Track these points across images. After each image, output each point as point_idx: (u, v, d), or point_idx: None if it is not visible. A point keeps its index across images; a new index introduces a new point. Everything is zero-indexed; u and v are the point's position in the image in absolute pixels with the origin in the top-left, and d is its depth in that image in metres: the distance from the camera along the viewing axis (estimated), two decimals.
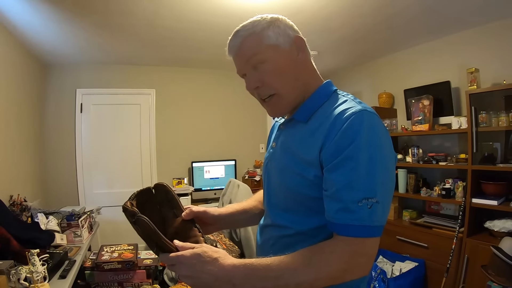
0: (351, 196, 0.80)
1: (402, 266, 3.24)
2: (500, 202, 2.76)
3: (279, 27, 0.99)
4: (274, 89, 0.99)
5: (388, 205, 0.86)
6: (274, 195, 1.05)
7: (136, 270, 2.76)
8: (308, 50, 1.05)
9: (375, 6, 2.83)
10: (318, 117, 0.95)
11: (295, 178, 0.94)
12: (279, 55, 0.97)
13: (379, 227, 0.82)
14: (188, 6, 2.75)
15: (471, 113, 2.93)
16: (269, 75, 0.97)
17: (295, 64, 0.99)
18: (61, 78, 4.21)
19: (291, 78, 0.99)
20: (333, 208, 0.83)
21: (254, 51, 0.97)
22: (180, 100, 4.81)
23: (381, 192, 0.82)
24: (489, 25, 3.17)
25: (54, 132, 4.17)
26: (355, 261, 0.81)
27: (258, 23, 0.99)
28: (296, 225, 0.96)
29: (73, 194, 4.21)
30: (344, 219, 0.81)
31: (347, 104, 0.91)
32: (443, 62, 3.63)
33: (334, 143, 0.84)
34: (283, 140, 1.05)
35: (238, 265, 0.83)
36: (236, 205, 1.27)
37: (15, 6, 2.55)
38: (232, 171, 4.87)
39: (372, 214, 0.80)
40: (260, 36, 0.97)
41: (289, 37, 0.99)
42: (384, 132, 0.87)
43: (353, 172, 0.81)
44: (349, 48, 4.08)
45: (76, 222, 2.62)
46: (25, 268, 1.70)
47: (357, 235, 0.80)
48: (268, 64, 0.97)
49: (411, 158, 3.57)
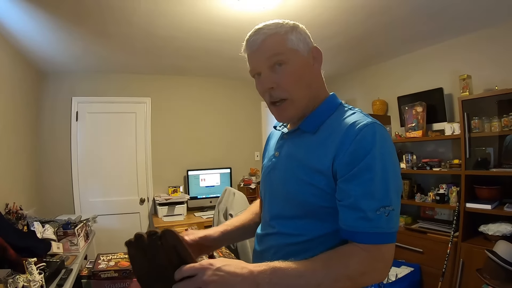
0: (369, 205, 0.84)
1: (398, 271, 3.25)
2: (494, 206, 2.79)
3: (301, 33, 1.02)
4: (288, 92, 0.99)
5: (399, 211, 0.90)
6: (279, 203, 1.05)
7: (133, 279, 2.74)
8: (321, 62, 1.07)
9: (369, 14, 2.88)
10: (326, 128, 0.98)
11: (303, 187, 0.95)
12: (298, 60, 0.99)
13: (395, 233, 0.86)
14: (183, 15, 2.78)
15: (463, 119, 2.97)
16: (286, 78, 0.98)
17: (310, 72, 1.02)
18: (56, 86, 4.20)
19: (305, 84, 1.00)
20: (351, 217, 0.86)
21: (277, 51, 0.98)
22: (176, 108, 4.82)
23: (395, 200, 0.86)
24: (480, 32, 3.23)
25: (50, 140, 4.16)
26: (373, 266, 0.84)
27: (282, 25, 1.00)
28: (302, 232, 0.97)
29: (69, 203, 4.18)
30: (363, 227, 0.84)
31: (356, 116, 0.95)
32: (435, 69, 3.68)
33: (349, 154, 0.87)
34: (288, 149, 1.06)
35: (261, 265, 0.85)
36: (234, 221, 1.27)
37: (11, 14, 2.56)
38: (227, 179, 4.87)
39: (389, 222, 0.84)
40: (284, 37, 0.98)
41: (308, 45, 1.03)
42: (392, 143, 0.92)
43: (371, 182, 0.84)
44: (343, 56, 4.13)
45: (72, 230, 2.61)
46: (23, 277, 1.69)
47: (375, 242, 0.84)
48: (287, 66, 0.98)
49: (405, 165, 3.61)
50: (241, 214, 1.31)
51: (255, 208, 1.32)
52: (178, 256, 0.84)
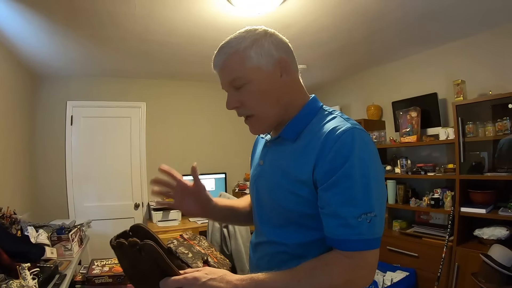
0: (350, 213, 0.83)
1: (393, 276, 3.26)
2: (488, 210, 2.81)
3: (263, 46, 0.97)
4: (252, 111, 0.99)
5: (383, 216, 0.89)
6: (266, 212, 1.06)
7: (127, 284, 2.73)
8: (294, 68, 1.04)
9: (364, 20, 2.90)
10: (306, 134, 0.97)
11: (287, 196, 0.94)
12: (260, 77, 0.96)
13: (378, 239, 0.86)
14: (178, 20, 2.79)
15: (458, 124, 2.99)
16: (248, 97, 0.97)
17: (277, 86, 0.98)
18: (51, 90, 4.19)
19: (271, 100, 0.98)
20: (332, 224, 0.86)
21: (236, 74, 0.96)
22: (171, 113, 4.81)
23: (378, 206, 0.85)
24: (474, 37, 3.26)
25: (44, 144, 4.13)
26: (356, 273, 0.84)
27: (243, 40, 0.97)
28: (290, 241, 0.97)
29: (63, 207, 4.15)
30: (345, 235, 0.83)
31: (336, 122, 0.93)
32: (430, 74, 3.71)
33: (328, 162, 0.86)
34: (272, 158, 1.06)
35: (244, 278, 0.85)
36: (227, 200, 1.29)
37: (7, 17, 2.56)
38: (222, 184, 4.86)
39: (371, 228, 0.83)
40: (242, 56, 0.95)
41: (272, 57, 0.97)
42: (373, 148, 0.90)
43: (350, 190, 0.83)
44: (337, 61, 4.15)
45: (66, 235, 2.59)
46: (16, 282, 1.67)
47: (358, 248, 0.83)
48: (250, 86, 0.96)
49: (400, 169, 3.62)
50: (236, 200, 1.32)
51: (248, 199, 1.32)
52: (159, 268, 0.84)
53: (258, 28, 1.00)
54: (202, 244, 2.90)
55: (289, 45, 1.04)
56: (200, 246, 2.83)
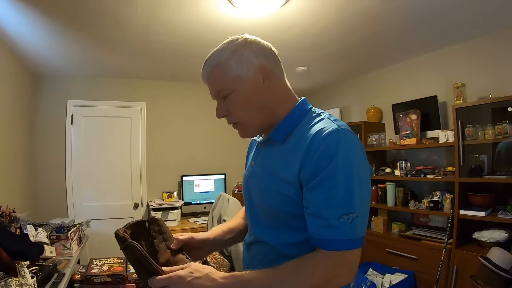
0: (332, 213, 0.84)
1: (392, 278, 3.26)
2: (487, 213, 2.81)
3: (243, 55, 0.99)
4: (238, 118, 1.03)
5: (366, 217, 0.91)
6: (256, 212, 1.08)
7: (126, 284, 2.72)
8: (278, 73, 1.05)
9: (364, 23, 2.91)
10: (294, 136, 0.99)
11: (276, 196, 0.97)
12: (242, 86, 0.99)
13: (360, 239, 0.87)
14: (180, 21, 2.80)
15: (457, 127, 3.00)
16: (233, 106, 1.01)
17: (260, 93, 1.00)
18: (52, 89, 4.20)
19: (255, 107, 1.01)
20: (315, 224, 0.87)
21: (220, 86, 1.01)
22: (171, 114, 4.82)
23: (360, 207, 0.86)
24: (474, 40, 3.27)
25: (44, 143, 4.14)
26: (338, 271, 0.87)
27: (224, 52, 1.00)
28: (279, 241, 1.00)
29: (63, 206, 4.15)
30: (327, 235, 0.85)
31: (323, 123, 0.94)
32: (430, 77, 3.72)
33: (313, 163, 0.88)
34: (262, 159, 1.08)
35: (228, 277, 0.87)
36: (221, 226, 1.29)
37: (8, 16, 2.56)
38: (222, 185, 4.87)
39: (353, 228, 0.84)
40: (224, 67, 0.99)
41: (252, 65, 0.99)
42: (359, 149, 0.91)
43: (333, 191, 0.85)
44: (338, 64, 4.16)
45: (65, 234, 2.59)
46: (15, 280, 1.68)
47: (339, 248, 0.85)
48: (233, 95, 1.00)
49: (400, 172, 3.62)
50: (229, 220, 1.33)
51: (242, 213, 1.33)
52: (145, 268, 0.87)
53: (239, 37, 1.03)
54: None
55: (272, 50, 1.06)
56: None
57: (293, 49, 3.50)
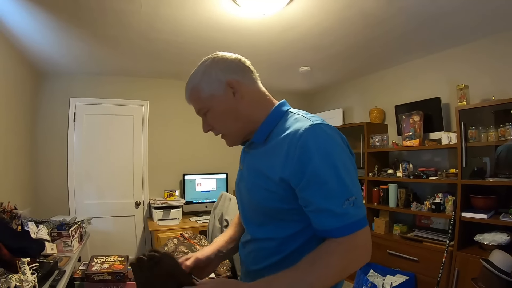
0: (334, 204, 0.88)
1: (393, 279, 3.25)
2: (489, 215, 2.80)
3: (210, 75, 1.07)
4: (220, 131, 1.13)
5: (361, 195, 0.96)
6: (248, 212, 1.14)
7: (127, 282, 2.72)
8: (248, 83, 1.10)
9: (367, 24, 2.90)
10: (273, 137, 1.04)
11: (263, 194, 1.01)
12: (216, 103, 1.07)
13: (364, 217, 0.91)
14: (183, 20, 2.79)
15: (460, 129, 2.99)
16: (213, 121, 1.10)
17: (233, 106, 1.07)
18: (55, 87, 4.20)
19: (232, 119, 1.09)
20: (320, 218, 0.91)
21: (198, 106, 1.11)
22: (173, 113, 4.81)
23: (354, 188, 0.91)
24: (478, 42, 3.26)
25: (47, 140, 4.14)
26: (354, 255, 0.90)
27: (196, 74, 1.10)
28: (272, 236, 1.04)
29: (64, 204, 4.16)
30: (336, 223, 0.88)
31: (299, 122, 0.99)
32: (433, 79, 3.71)
33: (296, 161, 0.92)
34: (248, 161, 1.15)
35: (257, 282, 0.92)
36: (223, 236, 1.34)
37: (12, 13, 2.57)
38: (223, 184, 4.86)
39: (356, 209, 0.89)
40: (197, 89, 1.08)
41: (220, 82, 1.06)
42: (336, 138, 0.96)
43: (326, 185, 0.89)
44: (341, 64, 4.15)
45: (66, 231, 2.59)
46: (15, 276, 1.67)
47: (350, 232, 0.88)
48: (210, 112, 1.09)
49: (402, 173, 3.61)
50: (228, 229, 1.38)
51: (238, 219, 1.38)
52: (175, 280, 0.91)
53: (209, 57, 1.12)
54: (203, 243, 2.90)
55: (240, 63, 1.11)
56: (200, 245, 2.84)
57: (297, 49, 3.50)
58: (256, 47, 3.43)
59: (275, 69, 4.30)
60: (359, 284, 3.30)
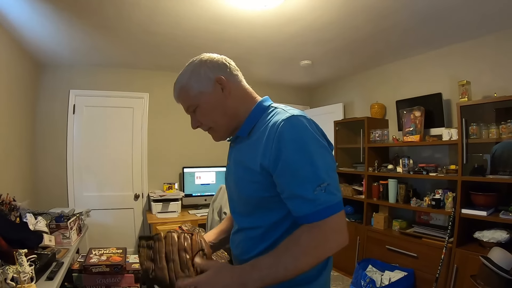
0: (305, 190, 0.93)
1: (392, 275, 3.25)
2: (489, 213, 2.79)
3: (199, 73, 1.14)
4: (208, 125, 1.19)
5: (337, 182, 0.99)
6: (236, 203, 1.21)
7: (124, 274, 2.73)
8: (234, 80, 1.17)
9: (370, 19, 2.88)
10: (256, 130, 1.11)
11: (247, 185, 1.08)
12: (204, 99, 1.13)
13: (338, 203, 0.95)
14: (183, 13, 2.77)
15: (461, 125, 2.97)
16: (202, 117, 1.17)
17: (221, 101, 1.14)
18: (54, 78, 4.17)
19: (219, 114, 1.15)
20: (294, 204, 0.97)
21: (187, 104, 1.17)
22: (173, 105, 4.71)
23: (327, 175, 0.95)
24: (481, 39, 3.24)
25: (46, 132, 4.13)
26: (324, 238, 0.94)
27: (185, 74, 1.16)
28: (257, 224, 1.11)
29: (63, 196, 4.16)
30: (308, 209, 0.94)
31: (278, 115, 1.05)
32: (435, 74, 3.69)
33: (274, 151, 0.98)
34: (234, 155, 1.21)
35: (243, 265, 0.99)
36: (213, 230, 1.43)
37: (12, 4, 2.54)
38: (223, 177, 4.76)
39: (328, 195, 0.93)
40: (186, 88, 1.14)
41: (209, 79, 1.13)
42: (312, 128, 1.00)
43: (299, 171, 0.94)
44: (342, 59, 4.12)
45: (65, 223, 2.59)
46: (13, 268, 1.67)
47: (322, 217, 0.93)
48: (199, 109, 1.15)
49: (402, 169, 3.61)
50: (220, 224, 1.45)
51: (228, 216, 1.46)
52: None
53: (196, 58, 1.18)
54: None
55: (225, 62, 1.18)
56: None
57: (298, 42, 3.47)
58: (257, 40, 3.40)
59: (275, 63, 4.28)
60: (358, 279, 3.31)
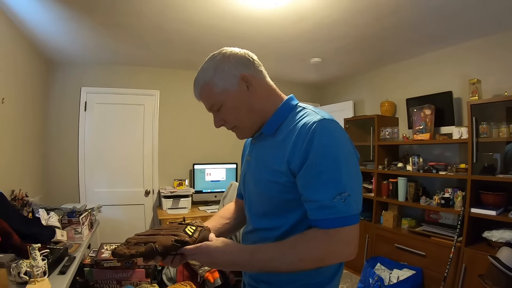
0: (324, 195, 0.92)
1: (400, 274, 3.25)
2: (498, 212, 2.77)
3: (224, 70, 1.08)
4: (233, 124, 1.15)
5: (359, 194, 0.98)
6: (254, 203, 1.17)
7: (135, 269, 2.77)
8: (260, 77, 1.13)
9: (379, 16, 2.86)
10: (283, 129, 1.08)
11: (269, 185, 1.06)
12: (229, 97, 1.09)
13: (355, 216, 0.94)
14: (194, 9, 2.78)
15: (472, 124, 2.95)
16: (227, 115, 1.12)
17: (246, 99, 1.10)
18: (66, 76, 4.23)
19: (245, 112, 1.11)
20: (311, 208, 0.95)
21: (210, 102, 1.12)
22: (184, 102, 4.81)
23: (350, 185, 0.93)
24: (491, 37, 3.20)
25: (58, 129, 4.19)
26: (333, 247, 0.93)
27: (207, 70, 1.11)
28: (275, 226, 1.08)
29: (74, 192, 4.22)
30: (323, 215, 0.93)
31: (308, 116, 1.03)
32: (445, 73, 3.66)
33: (302, 153, 0.95)
34: (256, 153, 1.18)
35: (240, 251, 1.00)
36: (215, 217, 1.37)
37: (23, 3, 2.58)
38: (233, 174, 4.88)
39: (347, 206, 0.92)
40: (210, 85, 1.09)
41: (235, 77, 1.08)
42: (341, 134, 0.98)
43: (321, 175, 0.93)
44: (352, 56, 4.11)
45: (77, 219, 2.63)
46: (26, 262, 1.71)
47: (334, 226, 0.92)
48: (224, 107, 1.10)
49: (412, 167, 3.59)
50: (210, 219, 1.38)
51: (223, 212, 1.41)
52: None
53: (218, 53, 1.13)
54: None
55: (249, 57, 1.13)
56: None
57: (308, 40, 3.47)
58: (267, 37, 3.41)
59: (286, 60, 4.28)
60: (366, 277, 3.31)
